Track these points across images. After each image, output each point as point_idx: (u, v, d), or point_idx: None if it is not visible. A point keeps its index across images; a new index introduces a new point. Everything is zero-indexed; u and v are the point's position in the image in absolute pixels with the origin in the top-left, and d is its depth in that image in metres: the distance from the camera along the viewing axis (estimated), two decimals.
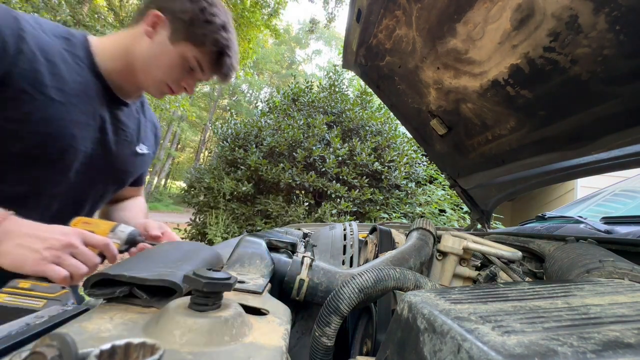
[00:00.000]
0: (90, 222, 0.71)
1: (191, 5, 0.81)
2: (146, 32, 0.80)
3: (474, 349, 0.25)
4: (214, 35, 0.82)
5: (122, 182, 0.97)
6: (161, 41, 0.81)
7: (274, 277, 0.67)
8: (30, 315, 0.44)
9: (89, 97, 0.78)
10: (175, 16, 0.80)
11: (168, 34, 0.81)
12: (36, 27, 0.70)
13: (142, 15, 0.83)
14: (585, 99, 0.86)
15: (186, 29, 0.80)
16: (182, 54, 0.82)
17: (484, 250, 0.83)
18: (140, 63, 0.82)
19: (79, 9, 7.25)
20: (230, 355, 0.34)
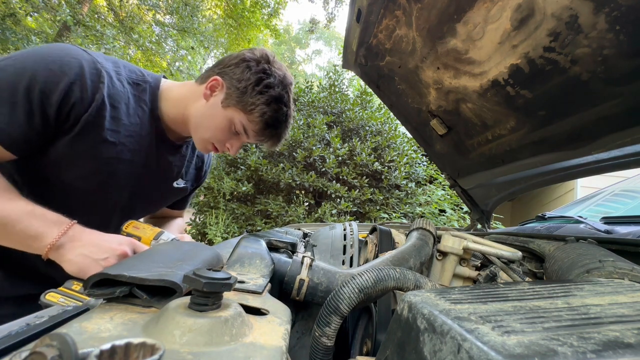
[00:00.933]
0: (139, 227, 0.80)
1: (250, 74, 0.85)
2: (204, 94, 0.87)
3: (474, 349, 0.25)
4: (263, 107, 0.85)
5: (149, 212, 1.06)
6: (214, 104, 0.86)
7: (274, 277, 0.67)
8: (30, 316, 0.44)
9: (141, 137, 0.85)
10: (232, 83, 0.86)
11: (222, 98, 0.86)
12: (113, 76, 0.78)
13: (205, 77, 0.89)
14: (585, 99, 0.86)
15: (238, 96, 0.85)
16: (230, 118, 0.87)
17: (484, 250, 0.83)
18: (193, 121, 0.88)
19: (79, 9, 7.25)
20: (230, 355, 0.34)
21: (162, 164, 0.94)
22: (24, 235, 0.65)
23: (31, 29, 7.42)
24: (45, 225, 0.66)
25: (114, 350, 0.26)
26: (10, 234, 0.66)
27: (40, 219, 0.66)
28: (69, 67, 0.70)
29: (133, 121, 0.83)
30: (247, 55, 0.88)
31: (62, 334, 0.25)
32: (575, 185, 5.06)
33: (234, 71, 0.86)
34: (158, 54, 9.59)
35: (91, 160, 0.78)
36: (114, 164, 0.82)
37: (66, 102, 0.70)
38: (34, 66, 0.68)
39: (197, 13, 9.42)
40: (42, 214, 0.67)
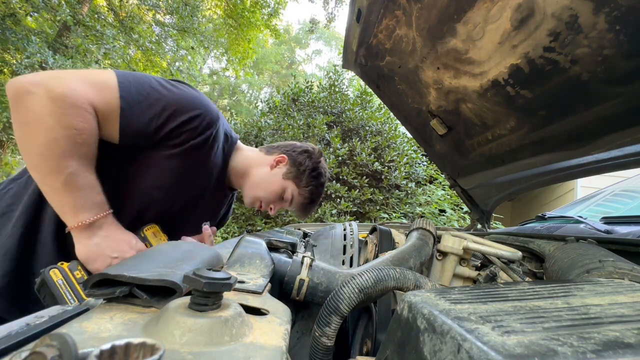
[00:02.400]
0: (157, 235, 0.88)
1: (309, 162, 1.11)
2: (270, 164, 1.09)
3: (474, 349, 0.25)
4: (313, 188, 1.11)
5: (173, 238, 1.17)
6: (276, 174, 1.08)
7: (274, 277, 0.67)
8: (30, 316, 0.44)
9: (212, 174, 1.01)
10: (295, 163, 1.10)
11: (284, 171, 1.09)
12: (222, 127, 0.98)
13: (273, 151, 1.13)
14: (585, 99, 0.86)
15: (297, 174, 1.09)
16: (284, 187, 1.08)
17: (484, 250, 0.83)
18: (253, 180, 1.08)
19: (79, 9, 7.25)
20: (230, 355, 0.34)
21: (208, 202, 1.08)
22: (69, 202, 0.72)
23: (31, 29, 7.42)
24: (89, 204, 0.73)
25: (114, 350, 0.26)
26: (62, 195, 0.72)
27: (91, 197, 0.74)
28: (201, 104, 0.88)
29: (216, 162, 1.00)
30: (310, 149, 1.15)
31: (62, 334, 0.25)
32: (575, 185, 5.06)
33: (298, 156, 1.11)
34: (158, 54, 9.57)
35: (176, 178, 0.90)
36: (188, 188, 0.95)
37: (185, 125, 0.85)
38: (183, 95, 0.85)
39: (197, 13, 9.41)
40: (96, 192, 0.75)
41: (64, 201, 0.72)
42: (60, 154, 0.69)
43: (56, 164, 0.70)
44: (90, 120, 0.72)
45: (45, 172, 0.71)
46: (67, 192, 0.71)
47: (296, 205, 1.14)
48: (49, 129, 0.68)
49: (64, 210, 0.73)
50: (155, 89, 0.82)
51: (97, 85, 0.74)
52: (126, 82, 0.78)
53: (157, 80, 0.84)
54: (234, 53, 10.23)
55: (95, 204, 0.75)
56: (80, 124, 0.71)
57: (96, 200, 0.75)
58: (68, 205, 0.72)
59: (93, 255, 0.73)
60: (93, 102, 0.73)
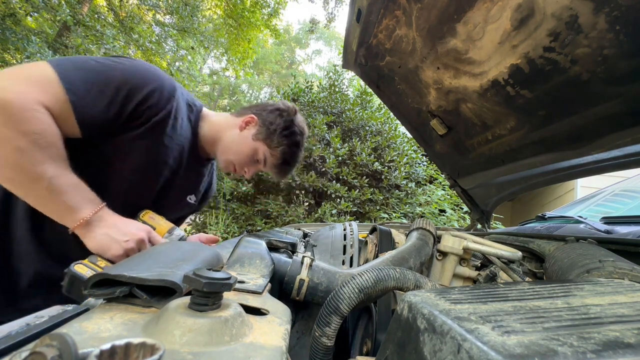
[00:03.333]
0: (155, 218, 0.89)
1: (280, 120, 1.06)
2: (239, 126, 1.06)
3: (474, 349, 0.25)
4: (285, 148, 1.06)
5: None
6: (246, 135, 1.05)
7: (274, 277, 0.67)
8: (30, 316, 0.44)
9: (183, 148, 0.99)
10: (265, 123, 1.05)
11: (253, 132, 1.05)
12: (182, 96, 0.95)
13: (243, 112, 1.10)
14: (585, 99, 0.86)
15: (268, 134, 1.05)
16: (255, 149, 1.05)
17: (484, 250, 0.83)
18: (224, 144, 1.05)
19: (79, 9, 7.25)
20: (230, 355, 0.34)
21: (186, 175, 1.07)
22: (63, 205, 0.71)
23: (31, 29, 7.41)
24: (82, 201, 0.73)
25: (114, 350, 0.26)
26: (52, 202, 0.71)
27: (81, 195, 0.74)
28: (154, 78, 0.85)
29: (183, 134, 0.97)
30: (281, 106, 1.10)
31: (62, 334, 0.25)
32: (575, 185, 5.06)
33: (268, 115, 1.07)
34: (158, 54, 9.57)
35: (146, 158, 0.89)
36: (161, 166, 0.94)
37: (143, 103, 0.82)
38: (131, 71, 0.81)
39: (197, 13, 9.40)
40: (84, 189, 0.75)
41: (55, 206, 0.72)
42: (32, 162, 0.67)
43: (32, 173, 0.67)
44: (46, 120, 0.70)
45: (25, 184, 0.70)
46: (54, 197, 0.70)
47: (270, 167, 1.10)
48: (9, 139, 0.65)
49: (59, 215, 0.73)
50: (100, 72, 0.78)
51: (39, 82, 0.70)
52: (66, 72, 0.73)
53: (97, 62, 0.79)
54: (234, 53, 10.23)
55: (88, 200, 0.75)
56: (39, 127, 0.68)
57: (87, 197, 0.75)
58: (62, 209, 0.72)
59: (105, 244, 0.73)
60: (42, 102, 0.69)
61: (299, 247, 0.99)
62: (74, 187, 0.73)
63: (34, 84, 0.69)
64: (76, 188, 0.73)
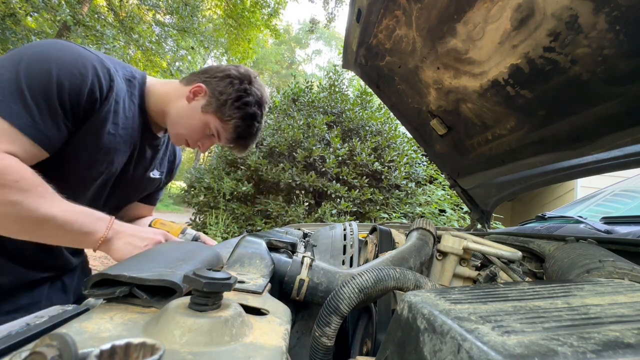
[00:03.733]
0: (165, 224, 0.92)
1: (231, 89, 0.95)
2: (187, 96, 0.95)
3: (474, 349, 0.25)
4: (237, 121, 0.96)
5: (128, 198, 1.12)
6: (194, 107, 0.95)
7: (274, 277, 0.67)
8: (30, 316, 0.44)
9: (132, 129, 0.92)
10: (214, 93, 0.95)
11: (202, 103, 0.95)
12: (117, 75, 0.85)
13: (191, 80, 0.98)
14: (585, 99, 0.86)
15: (218, 106, 0.95)
16: (206, 122, 0.96)
17: (484, 250, 0.83)
18: (172, 117, 0.97)
19: (79, 9, 7.25)
20: (230, 355, 0.34)
21: (142, 153, 1.01)
22: (79, 232, 0.72)
23: (31, 29, 7.42)
24: (94, 223, 0.74)
25: (114, 350, 0.26)
26: (67, 234, 0.72)
27: (88, 217, 0.74)
28: (85, 69, 0.76)
29: (128, 115, 0.90)
30: (233, 72, 0.97)
31: (62, 334, 0.25)
32: (575, 185, 5.06)
33: (218, 83, 0.96)
34: (158, 54, 9.57)
35: (96, 151, 0.85)
36: (111, 154, 0.88)
37: (89, 102, 0.78)
38: (57, 71, 0.72)
39: (197, 13, 9.40)
40: (89, 212, 0.75)
41: (72, 236, 0.73)
42: (30, 209, 0.66)
43: (36, 219, 0.67)
44: (17, 164, 0.67)
45: (34, 230, 0.70)
46: (67, 230, 0.71)
47: (225, 141, 1.02)
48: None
49: (78, 242, 0.75)
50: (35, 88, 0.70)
51: None
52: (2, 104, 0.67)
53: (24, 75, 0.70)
54: (234, 53, 10.23)
55: (97, 219, 0.75)
56: (15, 174, 0.66)
57: (95, 217, 0.75)
58: (78, 237, 0.73)
59: (128, 252, 0.75)
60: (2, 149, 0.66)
61: (299, 247, 0.99)
62: (80, 213, 0.73)
63: None
64: (82, 213, 0.74)
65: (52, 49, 0.75)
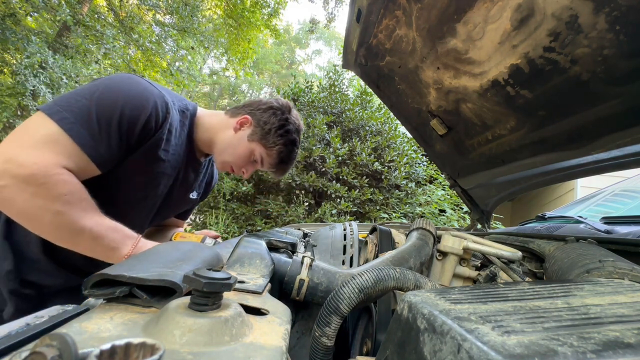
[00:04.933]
0: (185, 237, 0.96)
1: (275, 119, 1.05)
2: (234, 127, 1.05)
3: (474, 349, 0.25)
4: (281, 147, 1.06)
5: (169, 216, 1.23)
6: (241, 137, 1.04)
7: (274, 277, 0.67)
8: (30, 316, 0.44)
9: (179, 155, 1.00)
10: (259, 123, 1.04)
11: (248, 133, 1.04)
12: (174, 107, 0.93)
13: (237, 112, 1.08)
14: (585, 99, 0.86)
15: (263, 134, 1.04)
16: (251, 150, 1.05)
17: (484, 250, 0.83)
18: (220, 145, 1.05)
19: (79, 9, 7.24)
20: (230, 355, 0.34)
21: (186, 177, 1.10)
22: (107, 247, 0.78)
23: (31, 29, 7.41)
24: (121, 239, 0.80)
25: (114, 350, 0.26)
26: (97, 246, 0.78)
27: (118, 233, 0.80)
28: (147, 102, 0.84)
29: (178, 142, 0.98)
30: (274, 104, 1.08)
31: (62, 334, 0.25)
32: (575, 185, 5.06)
33: (262, 114, 1.05)
34: (158, 54, 9.57)
35: (146, 175, 0.93)
36: (159, 178, 0.96)
37: (144, 130, 0.84)
38: (123, 102, 0.81)
39: (197, 13, 9.40)
40: (120, 229, 0.81)
41: (101, 249, 0.78)
42: (72, 220, 0.73)
43: (75, 230, 0.74)
44: (70, 179, 0.74)
45: (71, 239, 0.76)
46: (98, 243, 0.77)
47: (267, 166, 1.11)
48: (44, 209, 0.71)
49: (105, 256, 0.79)
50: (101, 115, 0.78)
51: (48, 144, 0.73)
52: (67, 123, 0.75)
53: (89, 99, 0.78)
54: (234, 53, 10.24)
55: (125, 236, 0.80)
56: (66, 188, 0.73)
57: (125, 234, 0.81)
58: (106, 251, 0.78)
59: None
60: (60, 163, 0.73)
61: (299, 247, 0.99)
62: (112, 229, 0.79)
63: (45, 148, 0.72)
64: (114, 230, 0.79)
65: (122, 84, 0.83)
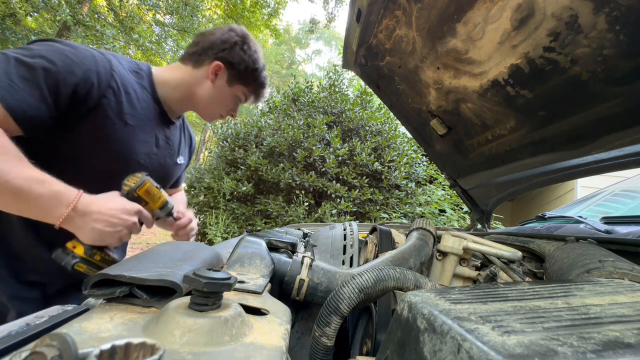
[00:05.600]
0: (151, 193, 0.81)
1: (244, 55, 1.01)
2: (210, 78, 1.00)
3: (474, 349, 0.25)
4: (261, 79, 1.07)
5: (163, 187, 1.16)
6: (220, 85, 1.02)
7: (274, 277, 0.67)
8: (30, 316, 0.44)
9: (150, 120, 0.95)
10: (232, 65, 1.01)
11: (226, 79, 1.02)
12: (121, 66, 0.88)
13: (200, 60, 1.00)
14: (585, 99, 0.86)
15: (240, 75, 1.03)
16: (236, 94, 1.06)
17: (484, 250, 0.83)
18: (203, 101, 1.03)
19: (79, 9, 7.25)
20: (230, 355, 0.34)
21: (167, 143, 1.06)
22: (35, 206, 0.66)
23: (31, 29, 7.42)
24: (50, 199, 0.66)
25: (114, 350, 0.26)
26: (22, 205, 0.66)
27: (47, 189, 0.66)
28: (83, 57, 0.78)
29: (144, 105, 0.92)
30: (235, 38, 1.02)
31: (62, 334, 0.25)
32: (575, 185, 5.06)
33: (230, 54, 1.00)
34: (158, 54, 9.57)
35: (114, 144, 0.86)
36: (133, 146, 0.90)
37: (82, 87, 0.76)
38: (52, 55, 0.73)
39: (197, 13, 9.41)
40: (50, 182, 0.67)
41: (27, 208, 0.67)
42: None
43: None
44: None
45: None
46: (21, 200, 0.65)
47: (252, 99, 1.12)
48: None
49: (37, 216, 0.68)
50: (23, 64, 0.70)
51: None
52: None
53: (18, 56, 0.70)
54: None
55: (57, 194, 0.67)
56: None
57: (56, 190, 0.67)
58: (35, 210, 0.67)
59: (98, 239, 0.70)
60: None
61: (299, 247, 0.99)
62: (37, 182, 0.66)
63: None
64: (38, 182, 0.66)
65: (54, 43, 0.77)
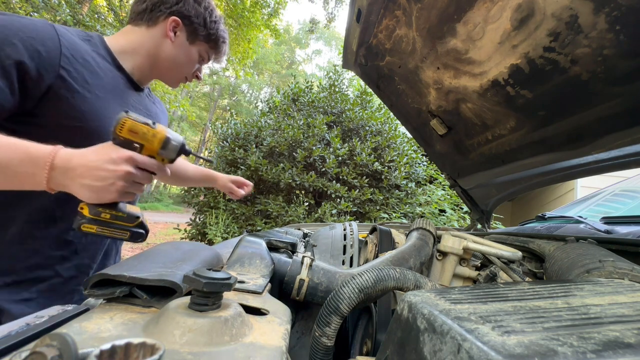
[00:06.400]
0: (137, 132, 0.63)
1: (200, 8, 0.94)
2: (168, 36, 0.92)
3: (474, 349, 0.25)
4: (220, 32, 0.99)
5: None
6: (181, 43, 0.94)
7: (274, 277, 0.67)
8: (30, 315, 0.44)
9: (120, 90, 0.88)
10: (191, 20, 0.93)
11: (185, 36, 0.95)
12: (68, 33, 0.78)
13: (155, 18, 0.91)
14: (585, 99, 0.86)
15: (200, 30, 0.95)
16: (197, 52, 0.98)
17: (484, 250, 0.83)
18: (167, 63, 0.95)
19: (79, 9, 7.25)
20: (230, 355, 0.34)
21: (142, 112, 0.97)
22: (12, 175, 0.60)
23: None
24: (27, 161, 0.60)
25: (114, 350, 0.26)
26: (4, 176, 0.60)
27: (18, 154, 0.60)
28: (20, 24, 0.68)
29: (108, 74, 0.84)
30: None
31: (62, 334, 0.25)
32: (575, 185, 5.06)
33: (184, 7, 0.92)
34: None
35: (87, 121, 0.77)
36: (100, 116, 0.80)
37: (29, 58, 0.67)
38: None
39: None
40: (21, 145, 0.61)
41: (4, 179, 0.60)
42: None
43: None
44: None
45: None
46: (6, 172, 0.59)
47: (215, 57, 1.05)
48: None
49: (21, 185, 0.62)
50: None
51: None
52: None
53: None
54: (234, 53, 10.23)
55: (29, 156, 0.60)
56: None
57: (26, 152, 0.60)
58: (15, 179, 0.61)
59: (93, 196, 0.62)
60: None
61: (299, 247, 0.99)
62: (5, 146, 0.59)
63: None
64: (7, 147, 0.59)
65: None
